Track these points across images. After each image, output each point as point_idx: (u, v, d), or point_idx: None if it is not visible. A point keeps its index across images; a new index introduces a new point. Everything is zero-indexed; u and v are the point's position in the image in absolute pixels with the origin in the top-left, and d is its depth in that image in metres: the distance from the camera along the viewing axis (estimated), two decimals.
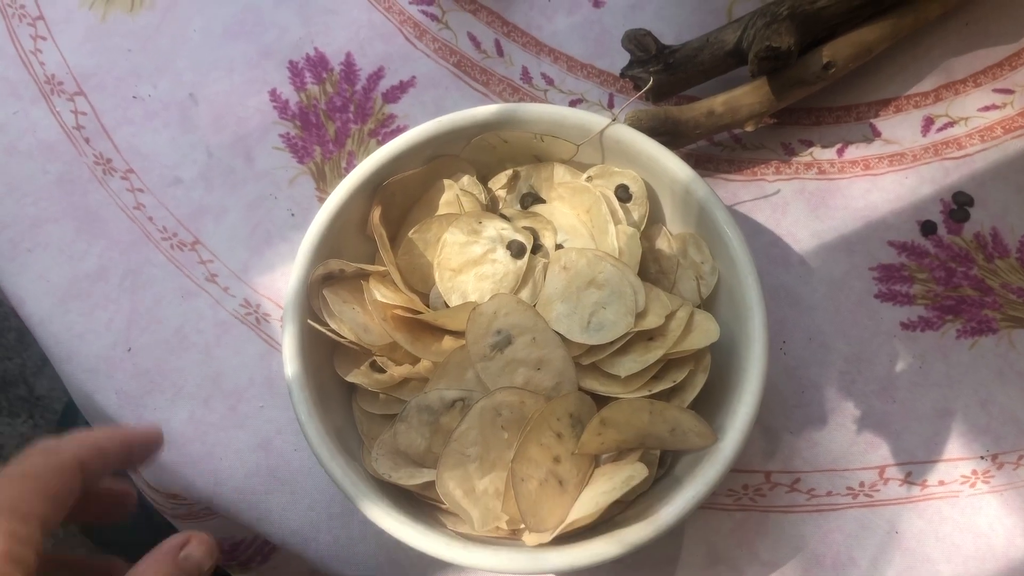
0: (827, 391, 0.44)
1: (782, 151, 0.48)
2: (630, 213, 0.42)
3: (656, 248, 0.42)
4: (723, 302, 0.40)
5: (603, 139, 0.41)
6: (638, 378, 0.38)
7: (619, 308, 0.38)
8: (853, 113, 0.49)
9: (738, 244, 0.39)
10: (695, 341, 0.38)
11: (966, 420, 0.44)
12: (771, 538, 0.43)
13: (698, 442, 0.38)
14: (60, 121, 0.49)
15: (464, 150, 0.43)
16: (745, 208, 0.47)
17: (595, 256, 0.40)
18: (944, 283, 0.46)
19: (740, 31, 0.45)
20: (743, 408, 0.37)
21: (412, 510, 0.38)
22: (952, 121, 0.48)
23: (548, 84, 0.49)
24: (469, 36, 0.50)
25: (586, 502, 0.37)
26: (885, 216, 0.47)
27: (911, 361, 0.45)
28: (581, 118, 0.41)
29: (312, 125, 0.49)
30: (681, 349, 0.38)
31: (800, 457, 0.44)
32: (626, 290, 0.39)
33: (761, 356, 0.37)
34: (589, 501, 0.37)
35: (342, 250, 0.41)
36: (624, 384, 0.38)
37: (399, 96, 0.49)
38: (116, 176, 0.48)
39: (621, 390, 0.38)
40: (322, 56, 0.50)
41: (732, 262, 0.39)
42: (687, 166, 0.40)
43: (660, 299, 0.39)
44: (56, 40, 0.50)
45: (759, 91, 0.45)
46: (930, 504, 0.43)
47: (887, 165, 0.48)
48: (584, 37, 0.50)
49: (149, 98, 0.49)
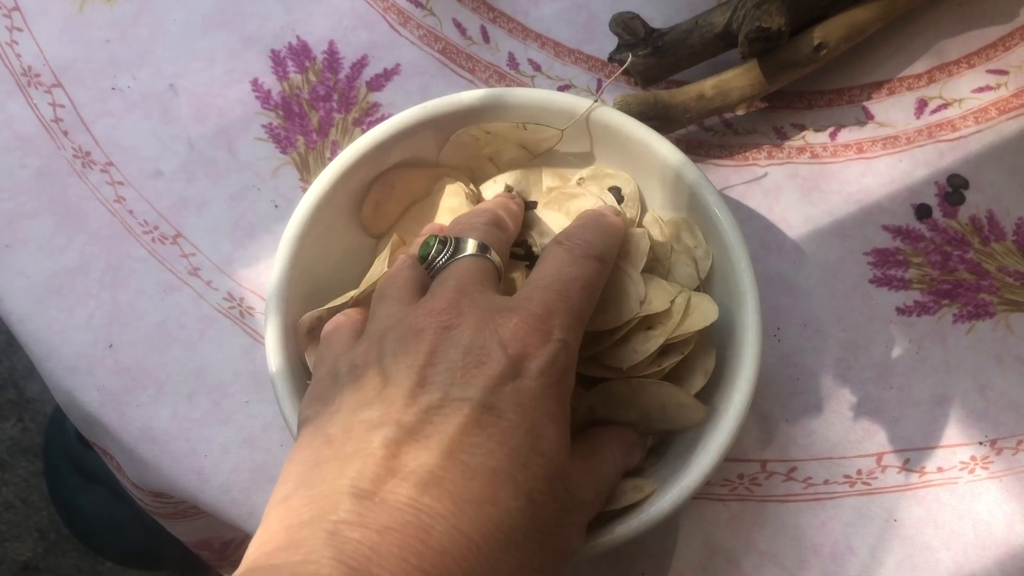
0: (823, 378, 0.44)
1: (774, 135, 0.47)
2: (623, 215, 0.41)
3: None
4: (716, 288, 0.39)
5: (591, 125, 0.40)
6: (639, 368, 0.37)
7: (623, 306, 0.38)
8: (845, 96, 0.48)
9: (730, 228, 0.38)
10: (695, 323, 0.37)
11: (964, 406, 0.43)
12: (768, 528, 0.42)
13: (690, 417, 0.37)
14: (38, 114, 0.48)
15: (445, 147, 0.41)
16: (737, 193, 0.46)
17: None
18: (940, 267, 0.45)
19: (730, 13, 0.44)
20: (737, 394, 0.36)
21: None
22: (946, 103, 0.48)
23: (535, 70, 0.48)
24: (454, 22, 0.49)
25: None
26: (879, 200, 0.46)
27: (907, 347, 0.44)
28: (568, 102, 0.40)
29: (295, 115, 0.48)
30: (681, 332, 0.37)
31: (796, 445, 0.43)
32: (630, 289, 0.38)
33: (755, 341, 0.37)
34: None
35: (329, 242, 0.40)
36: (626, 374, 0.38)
37: (383, 84, 0.48)
38: (95, 169, 0.47)
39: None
40: (304, 45, 0.49)
41: (724, 247, 0.38)
42: (678, 150, 0.39)
43: (662, 286, 0.38)
44: (32, 31, 0.49)
45: (750, 74, 0.45)
46: (929, 491, 0.42)
47: (881, 148, 0.47)
48: (571, 22, 0.49)
49: (128, 89, 0.48)
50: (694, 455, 0.36)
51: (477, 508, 0.28)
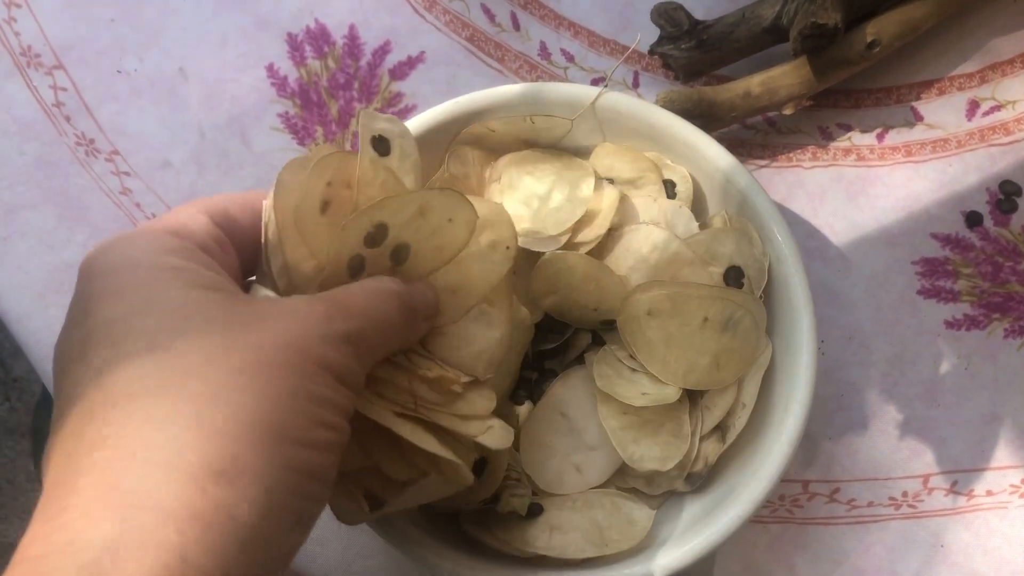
0: (867, 394, 0.42)
1: (819, 135, 0.45)
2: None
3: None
4: (768, 298, 0.37)
5: (629, 122, 0.38)
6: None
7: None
8: (894, 95, 0.45)
9: (784, 240, 0.36)
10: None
11: (1015, 425, 0.41)
12: (810, 552, 0.40)
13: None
14: (38, 97, 0.45)
15: (450, 149, 0.38)
16: (779, 197, 0.44)
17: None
18: (991, 278, 0.43)
19: (779, 6, 0.42)
20: (791, 419, 0.34)
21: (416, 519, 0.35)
22: (999, 105, 0.45)
23: (568, 61, 0.46)
24: (483, 8, 0.46)
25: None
26: (928, 206, 0.44)
27: (956, 362, 0.42)
28: (634, 105, 0.37)
29: (313, 104, 0.45)
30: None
31: (839, 465, 0.41)
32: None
33: (809, 365, 0.35)
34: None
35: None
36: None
37: (407, 73, 0.46)
38: (100, 158, 0.44)
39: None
40: (323, 28, 0.46)
41: (778, 259, 0.36)
42: (727, 152, 0.37)
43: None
44: (32, 8, 0.46)
45: (799, 71, 0.42)
46: (977, 515, 0.40)
47: (930, 152, 0.45)
48: (608, 10, 0.46)
49: (135, 73, 0.45)
50: (743, 483, 0.34)
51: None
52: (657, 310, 0.35)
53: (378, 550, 0.39)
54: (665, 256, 0.36)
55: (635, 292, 0.35)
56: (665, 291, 0.35)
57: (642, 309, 0.35)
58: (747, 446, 0.36)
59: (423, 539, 0.34)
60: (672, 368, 0.35)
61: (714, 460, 0.36)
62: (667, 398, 0.35)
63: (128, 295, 0.25)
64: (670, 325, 0.35)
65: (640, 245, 0.36)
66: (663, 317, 0.35)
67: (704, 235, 0.37)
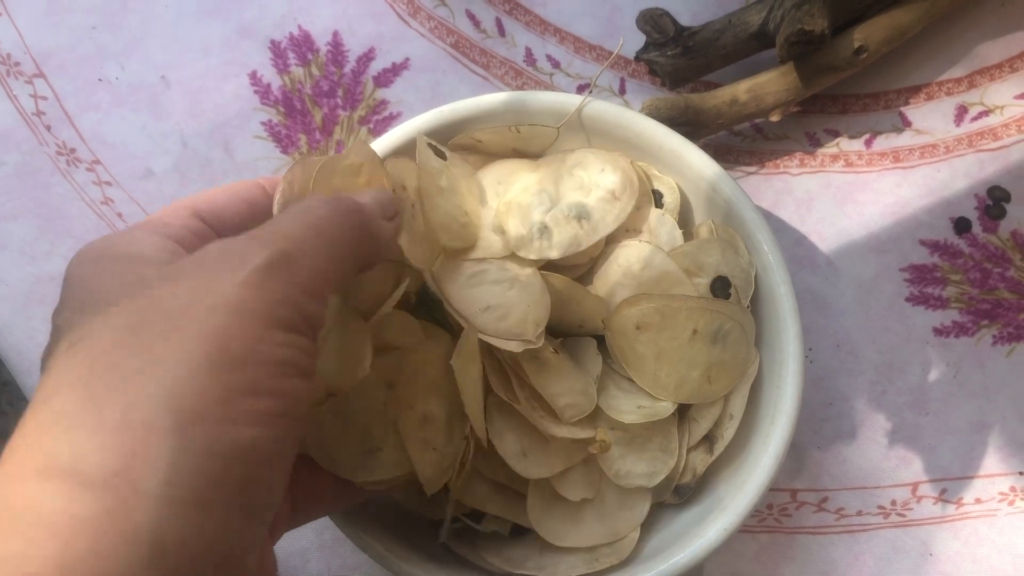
0: (856, 402, 0.41)
1: (807, 142, 0.45)
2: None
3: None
4: (755, 307, 0.37)
5: (615, 131, 0.38)
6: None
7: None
8: (882, 101, 0.45)
9: (771, 249, 0.36)
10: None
11: (1004, 433, 0.41)
12: (798, 562, 0.40)
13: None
14: (17, 106, 0.44)
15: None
16: (767, 203, 0.44)
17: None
18: (979, 285, 0.43)
19: (765, 12, 0.41)
20: (777, 430, 0.34)
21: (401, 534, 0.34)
22: (987, 110, 0.45)
23: (554, 67, 0.45)
24: (468, 14, 0.46)
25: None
26: (916, 212, 0.44)
27: (945, 370, 0.42)
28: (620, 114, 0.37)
29: (297, 111, 0.45)
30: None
31: (828, 474, 0.41)
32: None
33: (796, 375, 0.34)
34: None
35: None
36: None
37: (392, 80, 0.45)
38: (81, 167, 0.44)
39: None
40: (307, 35, 0.46)
41: (764, 269, 0.36)
42: (712, 161, 0.37)
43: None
44: (11, 15, 0.45)
45: (786, 78, 0.42)
46: (966, 523, 0.40)
47: (918, 157, 0.44)
48: (593, 15, 0.46)
49: (116, 81, 0.45)
50: (729, 495, 0.34)
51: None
52: (646, 324, 0.34)
53: (361, 564, 0.39)
54: (652, 270, 0.36)
55: (622, 307, 0.35)
56: (653, 304, 0.34)
57: (630, 323, 0.35)
58: (735, 457, 0.36)
59: (409, 555, 0.33)
60: (663, 382, 0.35)
61: (702, 471, 0.36)
62: (661, 413, 0.35)
63: (77, 291, 0.25)
64: (660, 339, 0.35)
65: (627, 260, 0.36)
66: (652, 331, 0.35)
67: (690, 246, 0.36)
